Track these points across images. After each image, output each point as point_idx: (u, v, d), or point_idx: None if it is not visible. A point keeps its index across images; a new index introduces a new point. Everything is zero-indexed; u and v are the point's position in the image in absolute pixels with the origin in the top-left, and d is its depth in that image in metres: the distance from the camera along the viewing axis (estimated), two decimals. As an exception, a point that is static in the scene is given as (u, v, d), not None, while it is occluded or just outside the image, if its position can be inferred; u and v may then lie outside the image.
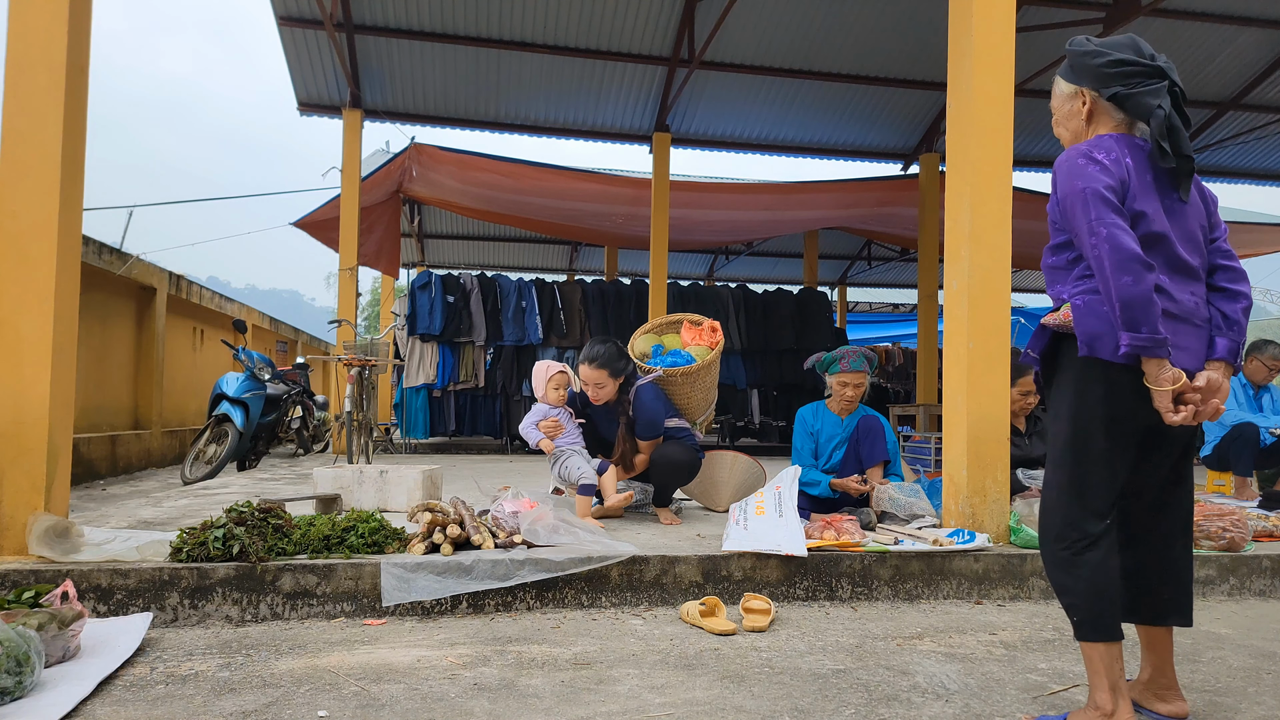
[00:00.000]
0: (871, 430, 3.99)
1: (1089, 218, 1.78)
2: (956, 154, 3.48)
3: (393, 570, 2.75)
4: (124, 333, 6.89)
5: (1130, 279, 1.71)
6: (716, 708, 2.00)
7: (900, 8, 8.02)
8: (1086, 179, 1.81)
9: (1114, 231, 1.74)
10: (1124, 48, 1.93)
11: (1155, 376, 1.75)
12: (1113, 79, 1.92)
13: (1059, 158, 1.93)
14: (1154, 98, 1.88)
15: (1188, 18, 8.12)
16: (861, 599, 3.07)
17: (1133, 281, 1.71)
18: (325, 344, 13.82)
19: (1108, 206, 1.77)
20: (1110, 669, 1.82)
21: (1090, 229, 1.77)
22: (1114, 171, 1.82)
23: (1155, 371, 1.75)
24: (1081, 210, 1.80)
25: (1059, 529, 1.89)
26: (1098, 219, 1.77)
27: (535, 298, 9.75)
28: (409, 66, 8.66)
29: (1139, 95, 1.89)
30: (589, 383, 4.04)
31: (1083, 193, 1.80)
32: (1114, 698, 1.80)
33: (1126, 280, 1.71)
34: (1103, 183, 1.80)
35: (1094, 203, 1.78)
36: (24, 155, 2.93)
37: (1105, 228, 1.75)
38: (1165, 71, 1.90)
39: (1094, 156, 1.84)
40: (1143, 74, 1.90)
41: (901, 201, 10.23)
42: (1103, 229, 1.75)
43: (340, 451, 7.90)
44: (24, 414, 2.87)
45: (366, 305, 28.31)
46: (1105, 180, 1.80)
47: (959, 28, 3.50)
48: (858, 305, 21.36)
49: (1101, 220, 1.76)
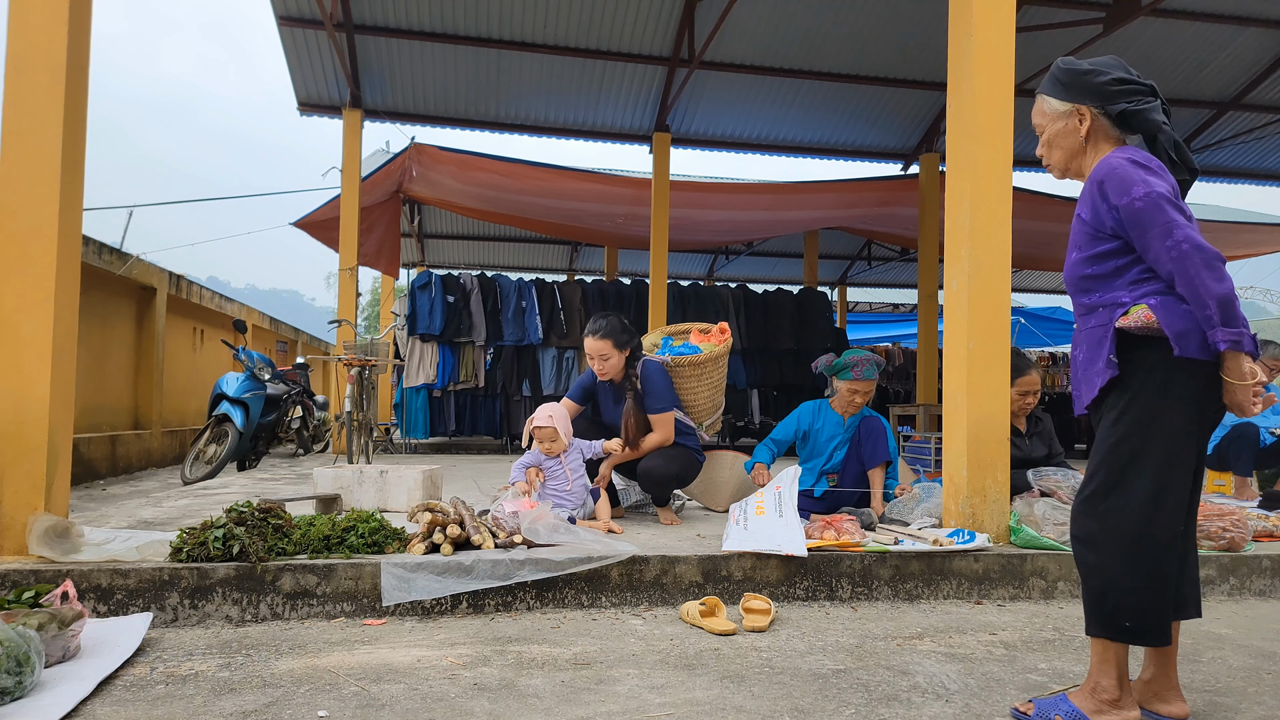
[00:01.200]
0: (874, 431, 4.00)
1: (1163, 220, 1.81)
2: (956, 154, 3.48)
3: (393, 570, 2.75)
4: (124, 333, 6.89)
5: (1218, 275, 1.77)
6: (716, 708, 2.00)
7: (900, 8, 8.02)
8: (1148, 185, 1.84)
9: (1190, 233, 1.79)
10: (1117, 67, 1.99)
11: (1241, 369, 1.78)
12: (1118, 96, 1.97)
13: (1100, 167, 1.93)
14: (1157, 114, 1.95)
15: (1187, 18, 8.11)
16: (861, 599, 3.07)
17: (1219, 279, 1.76)
18: (325, 344, 13.82)
19: (1177, 209, 1.82)
20: (1121, 660, 1.86)
21: (1165, 232, 1.80)
22: (1166, 178, 1.87)
23: (1240, 364, 1.78)
24: (1151, 214, 1.82)
25: (1143, 538, 1.85)
26: (1171, 222, 1.80)
27: (535, 298, 9.75)
28: (409, 66, 8.66)
29: (1146, 111, 1.95)
30: (594, 355, 3.96)
31: (1149, 197, 1.83)
32: (1120, 686, 1.85)
33: (1215, 278, 1.76)
34: (1165, 188, 1.84)
35: (1165, 206, 1.82)
36: (24, 155, 2.93)
37: (1181, 230, 1.79)
38: (1156, 90, 1.97)
39: (1144, 164, 1.88)
40: (1142, 92, 1.97)
41: (901, 201, 10.23)
42: (1179, 231, 1.79)
43: (340, 451, 7.91)
44: (24, 414, 2.87)
45: (366, 305, 28.32)
46: (1165, 186, 1.85)
47: (959, 28, 3.50)
48: (858, 305, 21.35)
49: (1175, 223, 1.80)
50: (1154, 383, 1.88)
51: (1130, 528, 1.87)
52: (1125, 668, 1.88)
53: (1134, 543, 1.86)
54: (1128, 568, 1.86)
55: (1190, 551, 2.00)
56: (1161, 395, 1.87)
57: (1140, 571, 1.85)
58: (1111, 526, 1.89)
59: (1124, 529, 1.87)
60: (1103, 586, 1.89)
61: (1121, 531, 1.88)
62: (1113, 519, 1.89)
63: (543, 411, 3.81)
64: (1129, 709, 1.86)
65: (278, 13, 7.84)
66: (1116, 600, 1.87)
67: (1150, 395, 1.88)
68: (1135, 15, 7.35)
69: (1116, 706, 1.85)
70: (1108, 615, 1.87)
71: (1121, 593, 1.86)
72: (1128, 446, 1.89)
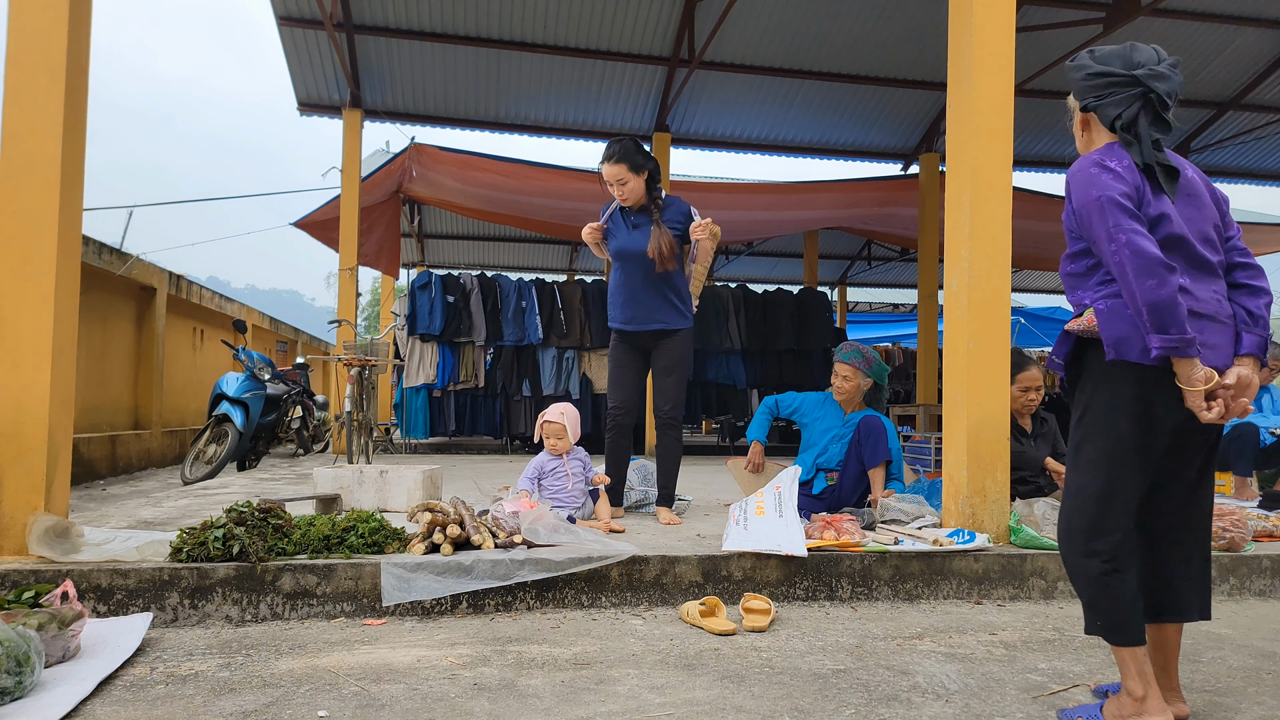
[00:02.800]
0: (873, 430, 3.99)
1: (1107, 225, 1.80)
2: (956, 154, 3.47)
3: (393, 570, 2.74)
4: (124, 333, 6.89)
5: (1155, 282, 1.73)
6: (716, 708, 2.00)
7: (900, 8, 8.02)
8: (1101, 187, 1.83)
9: (1133, 237, 1.77)
10: (1110, 59, 1.96)
11: (1188, 377, 1.76)
12: (1086, 91, 1.97)
13: (1072, 167, 1.95)
14: (1116, 107, 1.92)
15: (1188, 18, 8.12)
16: (861, 599, 3.07)
17: (1157, 284, 1.73)
18: (325, 344, 13.81)
19: (1124, 213, 1.80)
20: (1137, 660, 1.86)
21: (1109, 236, 1.80)
22: (1128, 178, 1.85)
23: (1188, 371, 1.76)
24: (1099, 218, 1.82)
25: (1088, 538, 1.90)
26: (1115, 226, 1.79)
27: (535, 298, 9.74)
28: (409, 66, 8.66)
29: (1104, 106, 1.94)
30: (612, 182, 3.86)
31: (1098, 201, 1.82)
32: (1143, 683, 1.84)
33: (1151, 284, 1.74)
34: (1118, 190, 1.82)
35: (1111, 210, 1.80)
36: (24, 155, 2.92)
37: (1124, 234, 1.78)
38: (1140, 80, 1.90)
39: (1106, 164, 1.87)
40: (1117, 84, 1.93)
41: (901, 201, 10.23)
42: (1122, 235, 1.78)
43: (340, 451, 7.90)
44: (24, 414, 2.87)
45: (366, 305, 28.32)
46: (1120, 187, 1.83)
47: (959, 28, 3.50)
48: (858, 305, 21.34)
49: (1120, 227, 1.79)
50: (1102, 387, 1.91)
51: (1082, 528, 1.92)
52: (1145, 668, 1.85)
53: (1085, 542, 1.90)
54: (1083, 568, 1.91)
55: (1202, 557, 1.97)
56: (1107, 399, 1.90)
57: (1092, 571, 1.89)
58: (1069, 529, 1.95)
59: (1077, 530, 1.93)
60: (1077, 586, 1.95)
61: (1075, 532, 1.93)
62: (1070, 521, 1.95)
63: (555, 408, 3.90)
64: (1153, 713, 1.82)
65: (278, 13, 7.84)
66: (1085, 599, 1.92)
67: (1099, 399, 1.92)
68: (1135, 15, 7.35)
69: (1139, 711, 1.84)
70: (1084, 614, 1.93)
71: (1086, 592, 1.91)
72: (1083, 450, 1.94)
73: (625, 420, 4.08)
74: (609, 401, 4.13)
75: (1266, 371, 5.39)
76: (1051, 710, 2.02)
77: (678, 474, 4.13)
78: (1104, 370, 1.91)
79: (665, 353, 4.01)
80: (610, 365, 4.14)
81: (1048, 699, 2.10)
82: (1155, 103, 1.90)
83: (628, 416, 4.08)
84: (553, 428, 3.84)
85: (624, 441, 4.11)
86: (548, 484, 3.82)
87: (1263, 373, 1.86)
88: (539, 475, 3.84)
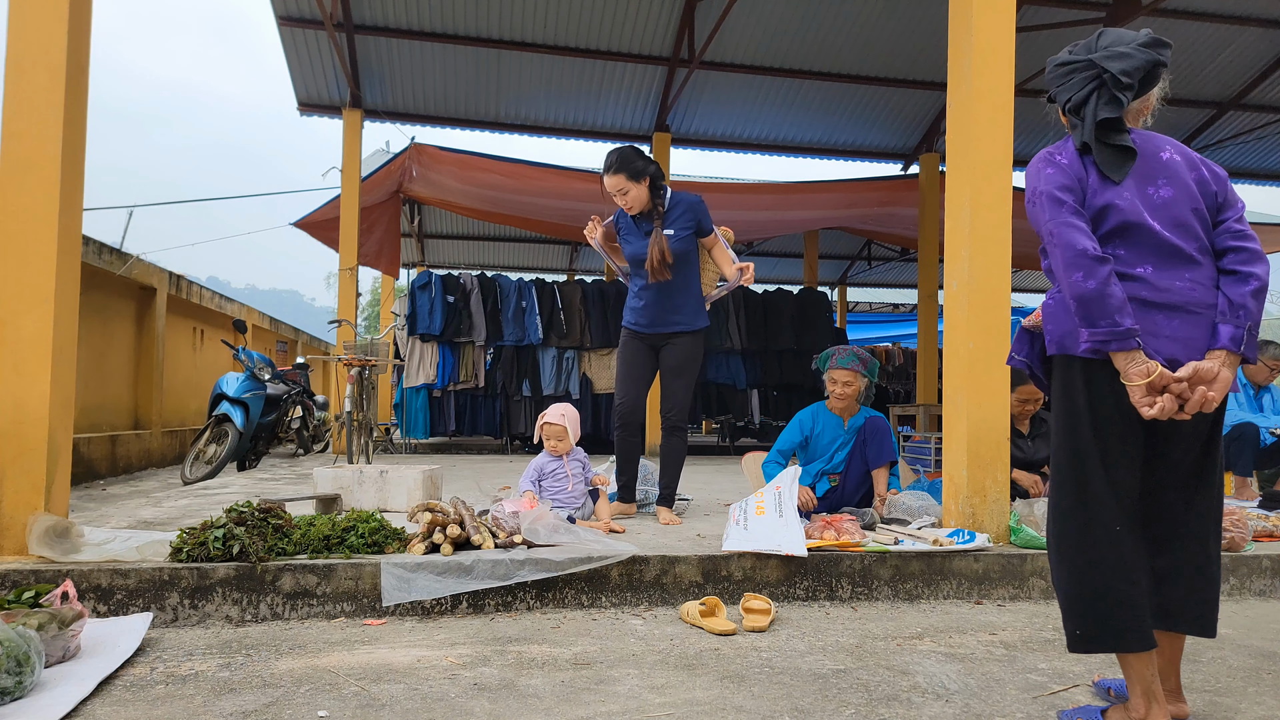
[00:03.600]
0: (878, 431, 3.98)
1: (1044, 219, 1.82)
2: (956, 154, 3.48)
3: (393, 570, 2.74)
4: (124, 333, 6.89)
5: (1080, 274, 1.72)
6: (716, 708, 2.00)
7: (900, 8, 8.02)
8: (1042, 181, 1.85)
9: (1062, 230, 1.77)
10: (1080, 48, 1.95)
11: (1124, 369, 1.74)
12: (1051, 83, 1.99)
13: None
14: (1068, 92, 1.92)
15: (1188, 17, 8.12)
16: (861, 599, 3.07)
17: (1083, 277, 1.72)
18: (325, 344, 13.81)
19: (1060, 206, 1.80)
20: (1142, 675, 1.79)
21: (1047, 230, 1.81)
22: (1070, 170, 1.85)
23: (1123, 364, 1.73)
24: (1039, 213, 1.84)
25: (1060, 537, 1.87)
26: (1050, 219, 1.80)
27: (535, 298, 9.75)
28: (409, 66, 8.66)
29: (1060, 93, 1.95)
30: (614, 192, 3.87)
31: (1039, 195, 1.84)
32: (1147, 702, 1.78)
33: (1077, 277, 1.73)
34: (1055, 183, 1.83)
35: (1046, 204, 1.82)
36: (24, 155, 2.92)
37: (1056, 227, 1.78)
38: (1095, 62, 1.87)
39: (1053, 159, 1.88)
40: (1075, 69, 1.92)
41: (901, 201, 10.23)
42: (1054, 228, 1.78)
43: (340, 451, 7.90)
44: (24, 414, 2.87)
45: (366, 305, 28.31)
46: (1059, 180, 1.83)
47: (959, 28, 3.50)
48: (858, 305, 21.34)
49: (1054, 220, 1.79)
50: (1058, 384, 1.91)
51: (1054, 531, 1.90)
52: (1151, 682, 1.78)
53: (1056, 546, 1.89)
54: (1060, 573, 1.88)
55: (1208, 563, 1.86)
56: (1061, 395, 1.89)
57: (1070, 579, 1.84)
58: (1049, 534, 1.93)
59: (1051, 534, 1.91)
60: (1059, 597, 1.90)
61: (1051, 537, 1.92)
62: (1050, 526, 1.93)
63: (555, 409, 3.90)
64: None
65: (278, 13, 7.84)
66: (1063, 608, 1.87)
67: (1057, 397, 1.91)
68: (1135, 15, 7.35)
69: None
70: (1065, 626, 1.87)
71: (1065, 600, 1.86)
72: (1055, 454, 1.92)
73: (632, 418, 4.07)
74: (615, 398, 4.13)
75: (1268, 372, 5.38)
76: (1051, 710, 2.02)
77: (680, 475, 4.12)
78: (1057, 367, 1.90)
79: (675, 352, 4.01)
80: (619, 362, 4.13)
81: (1048, 699, 2.10)
82: (1110, 83, 1.85)
83: (635, 414, 4.07)
84: (553, 429, 3.84)
85: (633, 439, 4.11)
86: (548, 485, 3.82)
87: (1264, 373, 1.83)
88: (539, 477, 3.84)
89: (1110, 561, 1.80)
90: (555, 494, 3.77)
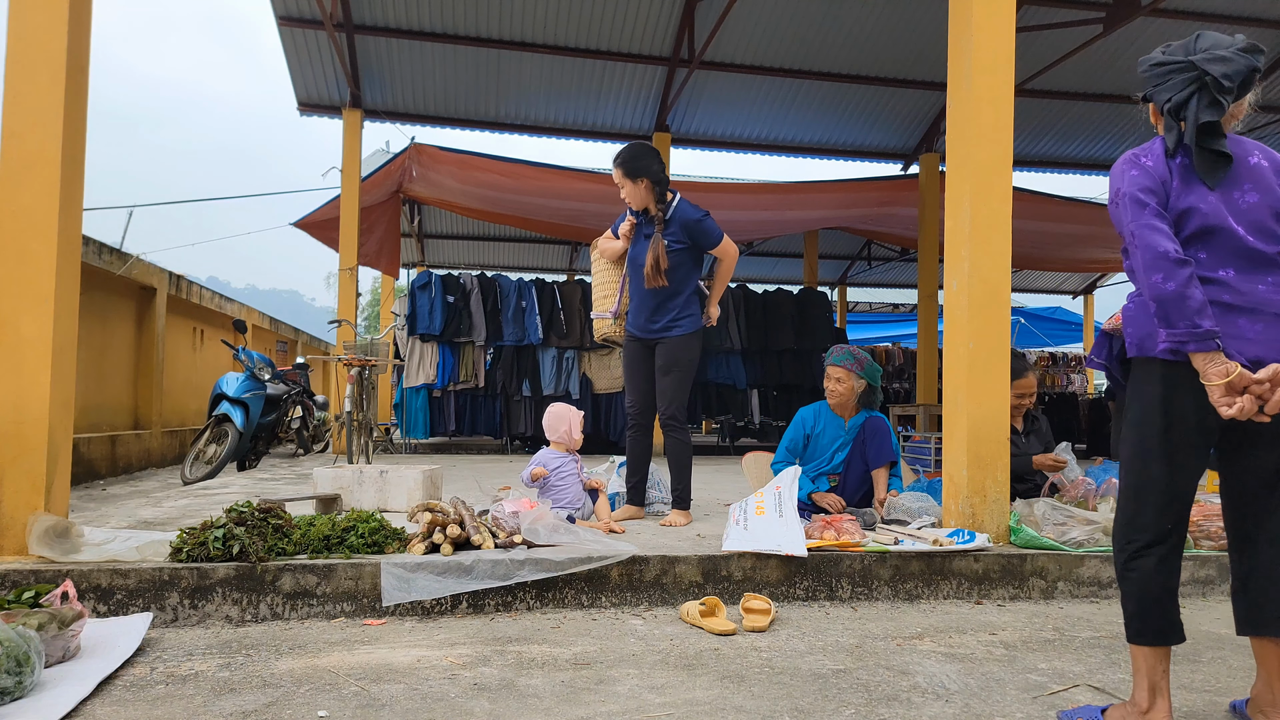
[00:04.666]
0: (878, 431, 3.97)
1: (1126, 221, 1.83)
2: (956, 154, 3.48)
3: (393, 570, 2.74)
4: (124, 333, 6.89)
5: (1160, 276, 1.74)
6: (716, 708, 2.00)
7: (900, 8, 8.02)
8: (1126, 183, 1.86)
9: (1144, 231, 1.78)
10: (1175, 49, 1.94)
11: (1203, 370, 1.75)
12: (1147, 81, 1.98)
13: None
14: (1168, 92, 1.90)
15: (1188, 18, 8.12)
16: (861, 599, 3.07)
17: (1163, 279, 1.74)
18: (325, 344, 13.81)
19: (1142, 208, 1.81)
20: (1152, 670, 1.84)
21: (1129, 231, 1.82)
22: (1154, 173, 1.85)
23: (1202, 365, 1.75)
24: (1122, 214, 1.85)
25: (1122, 534, 1.92)
26: (1132, 220, 1.81)
27: (535, 298, 9.74)
28: (409, 66, 8.66)
29: (1158, 92, 1.93)
30: (617, 185, 3.94)
31: (1122, 196, 1.85)
32: (1151, 696, 1.83)
33: (1157, 278, 1.75)
34: (1139, 185, 1.84)
35: (1129, 206, 1.83)
36: (24, 155, 2.92)
37: (1138, 228, 1.79)
38: (1195, 64, 1.86)
39: (1138, 161, 1.89)
40: (1174, 70, 1.90)
41: (901, 201, 10.23)
42: (1136, 230, 1.80)
43: (340, 451, 7.90)
44: (24, 414, 2.87)
45: (366, 305, 28.31)
46: (1142, 182, 1.84)
47: (959, 28, 3.50)
48: (858, 305, 21.33)
49: (1135, 221, 1.81)
50: (1134, 386, 1.94)
51: (1120, 526, 1.94)
52: (1159, 681, 1.83)
53: (1121, 541, 1.92)
54: (1122, 567, 1.92)
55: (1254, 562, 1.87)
56: (1137, 397, 1.92)
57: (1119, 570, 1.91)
58: (1114, 528, 1.97)
59: (1118, 527, 1.95)
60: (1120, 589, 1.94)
61: (1116, 531, 1.95)
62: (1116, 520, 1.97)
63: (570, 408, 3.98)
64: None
65: (278, 13, 7.84)
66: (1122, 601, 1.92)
67: (1133, 398, 1.94)
68: (1135, 15, 7.36)
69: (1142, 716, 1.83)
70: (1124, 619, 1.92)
71: (1124, 595, 1.91)
72: (1121, 450, 1.97)
73: (642, 420, 4.11)
74: (625, 401, 4.21)
75: None
76: (1051, 710, 2.02)
77: (688, 475, 4.05)
78: (1135, 369, 1.94)
79: (663, 353, 4.03)
80: (624, 364, 4.21)
81: (1048, 699, 2.10)
82: (1211, 85, 1.84)
83: (644, 416, 4.11)
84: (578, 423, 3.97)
85: (644, 440, 4.12)
86: (554, 482, 3.85)
87: None
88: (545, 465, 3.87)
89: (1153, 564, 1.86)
90: (561, 491, 3.79)
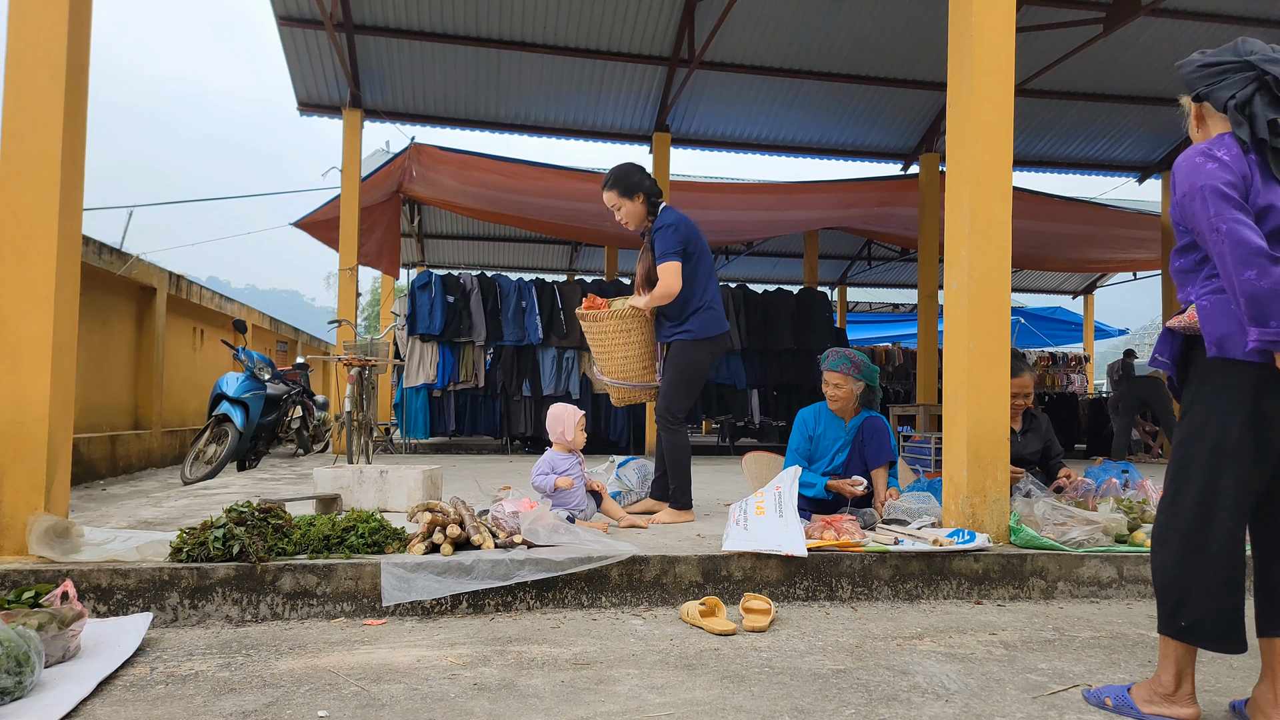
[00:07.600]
0: (877, 432, 3.98)
1: (1209, 215, 1.77)
2: (956, 154, 3.47)
3: (393, 570, 2.74)
4: (124, 333, 6.89)
5: (1254, 272, 1.70)
6: (716, 708, 2.00)
7: (900, 8, 8.02)
8: (1204, 176, 1.80)
9: (1234, 226, 1.73)
10: (1221, 52, 1.93)
11: None
12: (1198, 81, 1.94)
13: (1178, 159, 1.92)
14: (1229, 89, 1.87)
15: (1188, 18, 8.11)
16: (861, 599, 3.07)
17: (1256, 275, 1.69)
18: (325, 344, 13.82)
19: (1227, 202, 1.76)
20: (1183, 661, 1.86)
21: (1211, 226, 1.76)
22: (1234, 167, 1.81)
23: None
24: (1201, 208, 1.79)
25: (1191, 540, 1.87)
26: (1217, 215, 1.76)
27: (535, 298, 9.75)
28: (409, 66, 8.66)
29: (1216, 90, 1.90)
30: (611, 208, 3.99)
31: (1201, 190, 1.80)
32: (1178, 680, 1.85)
33: (1249, 275, 1.70)
34: (1221, 179, 1.79)
35: (1213, 199, 1.77)
36: (24, 155, 2.92)
37: (1225, 223, 1.74)
38: (1254, 64, 1.86)
39: (1213, 154, 1.84)
40: (1229, 69, 1.89)
41: (901, 201, 10.23)
42: (1223, 225, 1.74)
43: (340, 451, 7.90)
44: (24, 414, 2.87)
45: (366, 305, 28.31)
46: (1224, 176, 1.79)
47: (959, 28, 3.50)
48: (858, 305, 21.35)
49: (1221, 216, 1.75)
50: (1206, 386, 1.88)
51: (1182, 529, 1.89)
52: (1186, 667, 1.87)
53: (1186, 544, 1.88)
54: (1183, 568, 1.88)
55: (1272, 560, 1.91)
56: (1210, 399, 1.86)
57: (1193, 573, 1.87)
58: (1170, 526, 1.92)
59: (1178, 530, 1.90)
60: (1163, 585, 1.92)
61: (1176, 533, 1.90)
62: (1172, 519, 1.92)
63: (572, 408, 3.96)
64: (1183, 706, 1.85)
65: (278, 13, 7.84)
66: (1175, 599, 1.89)
67: (1202, 398, 1.88)
68: (1135, 15, 7.35)
69: (1169, 700, 1.85)
70: (1167, 613, 1.91)
71: (1179, 593, 1.89)
72: (1184, 450, 1.91)
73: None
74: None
75: None
76: (1051, 710, 2.02)
77: (683, 473, 4.05)
78: (1208, 369, 1.87)
79: (668, 353, 4.13)
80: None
81: (1048, 699, 2.10)
82: (1272, 85, 1.84)
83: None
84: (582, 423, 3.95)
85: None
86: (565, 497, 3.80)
87: None
88: (552, 473, 3.81)
89: (1225, 563, 1.85)
90: (568, 495, 3.73)
